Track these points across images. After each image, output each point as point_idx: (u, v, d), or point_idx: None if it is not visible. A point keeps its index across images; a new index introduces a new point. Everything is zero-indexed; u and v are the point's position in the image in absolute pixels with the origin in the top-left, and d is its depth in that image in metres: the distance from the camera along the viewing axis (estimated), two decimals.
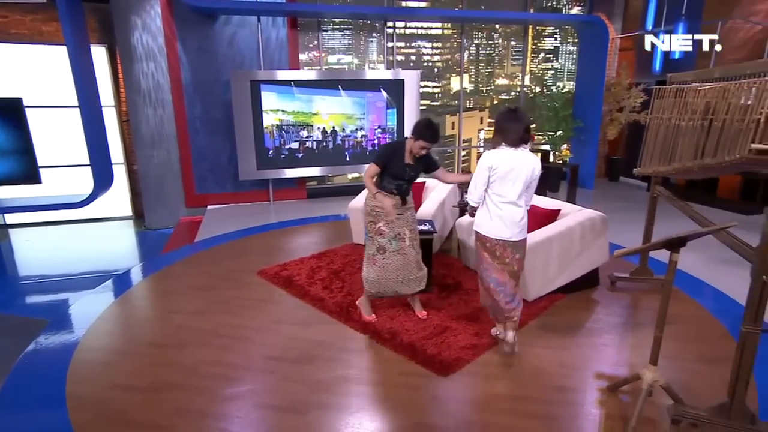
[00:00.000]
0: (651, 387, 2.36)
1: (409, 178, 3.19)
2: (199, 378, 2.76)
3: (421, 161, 3.18)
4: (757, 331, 2.08)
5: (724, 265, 4.42)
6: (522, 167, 2.67)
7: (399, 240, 3.19)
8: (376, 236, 3.18)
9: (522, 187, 2.70)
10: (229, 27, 6.64)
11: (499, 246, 2.78)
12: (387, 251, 3.18)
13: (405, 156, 3.13)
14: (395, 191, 3.16)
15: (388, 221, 3.14)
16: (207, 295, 3.94)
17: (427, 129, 3.02)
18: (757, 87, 2.11)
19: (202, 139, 6.89)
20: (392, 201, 3.08)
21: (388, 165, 3.12)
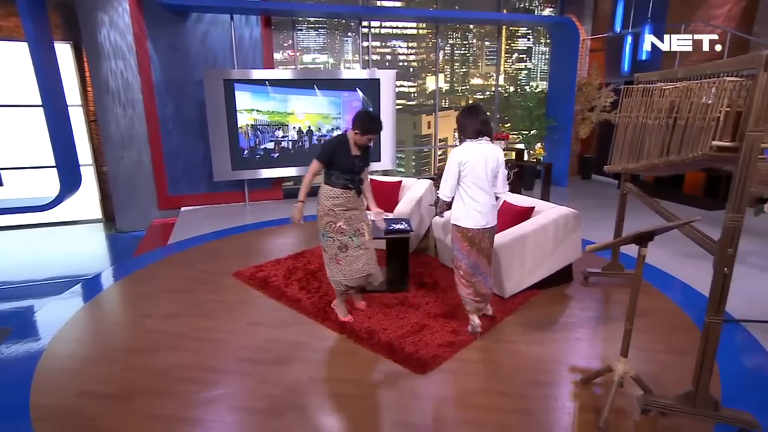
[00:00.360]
0: (622, 378, 2.43)
1: (359, 170, 3.19)
2: (172, 383, 2.70)
3: (366, 151, 3.22)
4: (719, 321, 2.16)
5: (691, 258, 4.57)
6: (487, 157, 2.92)
7: (359, 235, 3.22)
8: (337, 235, 3.17)
9: (490, 174, 2.95)
10: (201, 25, 6.51)
11: (478, 234, 3.01)
12: (349, 248, 3.20)
13: (351, 149, 3.13)
14: (350, 185, 3.15)
15: (348, 218, 3.16)
16: (181, 298, 3.85)
17: (372, 122, 3.08)
18: (716, 87, 2.18)
19: (174, 140, 6.74)
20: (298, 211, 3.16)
21: (334, 160, 3.11)
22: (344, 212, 3.15)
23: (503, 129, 8.79)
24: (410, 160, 8.95)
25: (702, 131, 2.23)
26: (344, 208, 3.15)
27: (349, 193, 3.16)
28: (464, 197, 2.96)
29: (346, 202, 3.16)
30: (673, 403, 2.31)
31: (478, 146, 2.92)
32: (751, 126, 1.93)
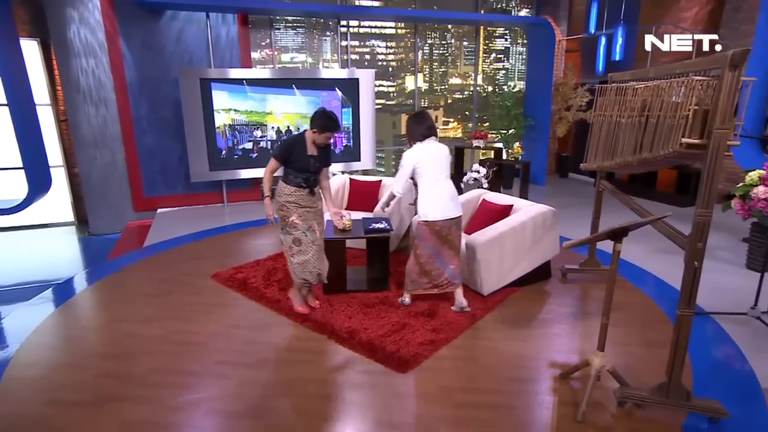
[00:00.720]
0: (599, 372, 2.47)
1: (315, 170, 3.26)
2: (148, 388, 2.64)
3: (324, 151, 3.29)
4: (690, 313, 2.21)
5: (664, 254, 4.69)
6: (437, 152, 3.28)
7: (311, 232, 3.31)
8: (291, 229, 3.26)
9: (443, 166, 3.28)
10: (176, 23, 6.38)
11: (445, 226, 3.25)
12: (303, 242, 3.29)
13: (308, 148, 3.20)
14: (303, 184, 3.23)
15: (301, 213, 3.24)
16: (157, 301, 3.77)
17: (330, 120, 3.15)
18: (685, 86, 2.24)
19: (150, 140, 6.59)
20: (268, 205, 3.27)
21: (291, 159, 3.18)
22: (297, 209, 3.23)
23: (482, 128, 8.87)
24: (390, 159, 8.96)
25: (672, 129, 2.28)
26: (297, 206, 3.23)
27: (302, 192, 3.24)
28: (427, 192, 3.24)
29: (299, 200, 3.24)
30: (648, 395, 2.37)
31: (428, 146, 3.28)
32: (717, 124, 1.99)
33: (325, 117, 3.14)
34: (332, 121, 3.15)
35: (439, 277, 3.40)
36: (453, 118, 9.07)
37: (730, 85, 1.93)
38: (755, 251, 4.30)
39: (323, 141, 3.20)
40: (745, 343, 3.07)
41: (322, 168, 3.32)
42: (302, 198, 3.25)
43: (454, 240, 3.33)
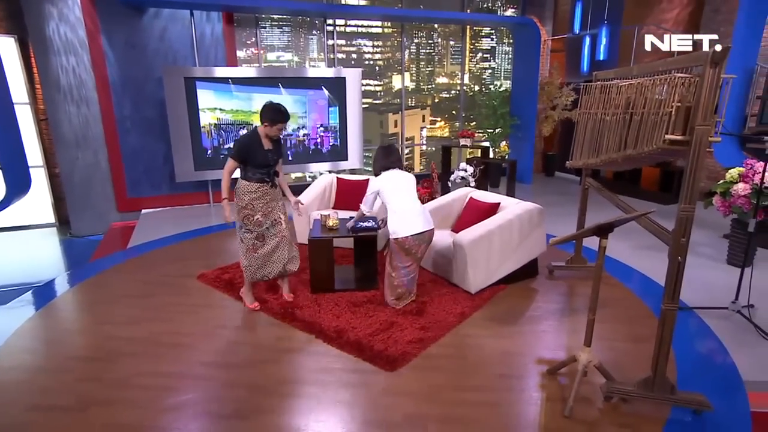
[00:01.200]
0: (586, 368, 2.49)
1: (273, 163, 3.35)
2: (131, 391, 2.59)
3: (278, 145, 3.37)
4: (674, 308, 2.24)
5: (649, 250, 4.76)
6: (403, 179, 3.47)
7: (277, 224, 3.41)
8: (255, 227, 3.33)
9: (410, 191, 3.47)
10: (159, 21, 6.29)
11: (414, 244, 3.36)
12: (266, 238, 3.38)
13: (263, 143, 3.27)
14: (266, 179, 3.32)
15: (264, 210, 3.32)
16: (142, 302, 3.71)
17: (278, 113, 3.20)
18: (668, 83, 2.27)
19: (133, 140, 6.49)
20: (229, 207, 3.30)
21: (249, 157, 3.24)
22: (262, 206, 3.31)
23: (469, 127, 8.91)
24: None
25: (656, 126, 2.31)
26: (262, 202, 3.31)
27: (266, 186, 3.33)
28: (397, 213, 3.38)
29: (264, 195, 3.32)
30: (634, 389, 2.40)
31: (393, 173, 3.49)
32: (699, 120, 2.02)
33: (274, 109, 3.19)
34: (281, 113, 3.21)
35: (407, 294, 3.54)
36: (440, 118, 9.09)
37: (711, 81, 1.96)
38: (735, 247, 4.39)
39: (275, 133, 3.26)
40: (727, 336, 3.12)
41: (278, 161, 3.41)
42: (266, 192, 3.33)
43: (419, 254, 3.45)
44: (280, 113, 3.20)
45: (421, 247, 3.41)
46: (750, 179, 3.96)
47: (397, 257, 3.41)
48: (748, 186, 3.96)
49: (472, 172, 6.08)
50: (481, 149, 7.76)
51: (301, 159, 7.13)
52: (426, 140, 9.07)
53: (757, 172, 3.90)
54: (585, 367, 2.49)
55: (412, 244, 3.35)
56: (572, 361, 2.61)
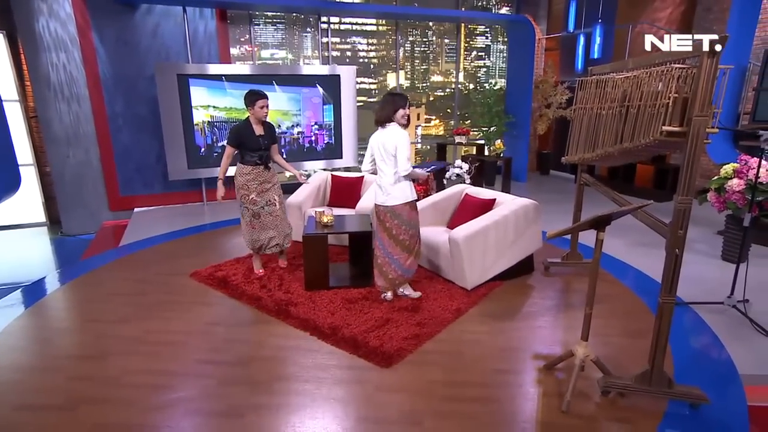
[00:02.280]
0: (583, 362, 2.47)
1: (265, 147, 3.73)
2: (123, 389, 2.54)
3: (270, 130, 3.77)
4: (671, 301, 2.23)
5: (645, 247, 4.77)
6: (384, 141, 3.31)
7: (271, 205, 3.83)
8: (251, 205, 3.77)
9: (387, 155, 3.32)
10: (151, 17, 6.23)
11: (380, 210, 3.41)
12: (261, 216, 3.81)
13: (254, 129, 3.68)
14: (258, 161, 3.72)
15: (259, 190, 3.75)
16: (134, 300, 3.66)
17: (253, 93, 3.63)
18: (665, 74, 2.26)
19: (126, 138, 6.42)
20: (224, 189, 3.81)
21: (242, 142, 3.66)
22: (257, 186, 3.74)
23: (464, 125, 8.91)
24: None
25: (653, 118, 2.30)
26: (257, 183, 3.74)
27: (259, 169, 3.75)
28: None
29: (257, 177, 3.75)
30: (631, 383, 2.38)
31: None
32: (696, 111, 2.01)
33: (249, 92, 3.63)
34: (256, 93, 3.62)
35: (390, 272, 3.40)
36: (435, 116, 9.08)
37: (709, 71, 1.95)
38: (730, 243, 4.40)
39: (261, 114, 3.64)
40: (723, 331, 3.12)
41: (270, 146, 3.78)
42: (260, 174, 3.75)
43: (389, 227, 3.34)
44: (254, 93, 3.61)
45: (386, 215, 3.37)
46: (744, 175, 3.97)
47: (413, 220, 3.35)
48: (742, 181, 3.96)
49: (467, 169, 6.07)
50: (476, 147, 7.76)
51: (296, 157, 7.08)
52: (421, 138, 9.05)
53: (752, 168, 3.91)
54: (582, 362, 2.47)
55: (378, 210, 3.40)
56: (569, 356, 2.59)
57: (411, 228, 3.35)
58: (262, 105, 3.62)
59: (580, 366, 2.46)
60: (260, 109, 3.62)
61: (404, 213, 3.31)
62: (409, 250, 3.38)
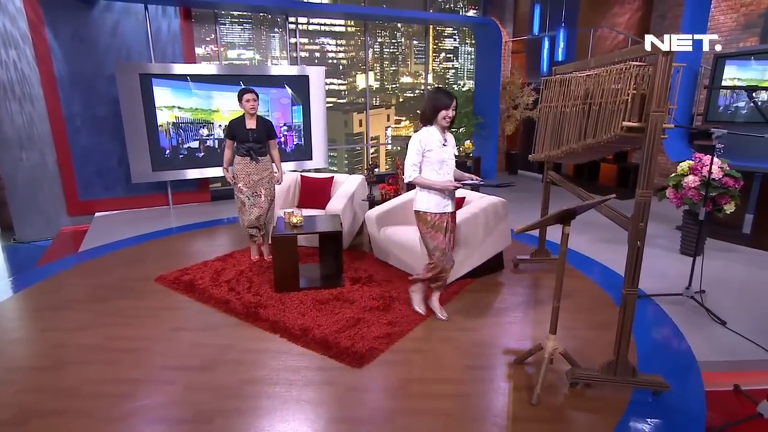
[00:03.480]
0: (551, 355, 2.52)
1: (254, 140, 3.99)
2: (81, 400, 2.42)
3: (263, 125, 4.04)
4: (634, 292, 2.30)
5: (609, 243, 4.91)
6: None
7: (256, 196, 4.09)
8: (239, 194, 4.09)
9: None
10: (111, 14, 6.00)
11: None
12: (246, 205, 4.10)
13: (246, 123, 3.97)
14: (244, 152, 4.00)
15: (247, 181, 4.03)
16: (94, 307, 3.50)
17: (241, 90, 3.93)
18: (624, 72, 2.33)
19: (85, 139, 6.15)
20: (229, 174, 4.11)
21: (234, 134, 3.98)
22: (244, 176, 4.02)
23: None
24: (343, 158, 8.88)
25: (613, 114, 2.36)
26: (244, 173, 4.02)
27: (246, 160, 4.02)
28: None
29: (245, 167, 4.03)
30: (598, 374, 2.44)
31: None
32: (654, 107, 2.07)
33: (239, 91, 3.94)
34: (243, 89, 3.93)
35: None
36: (405, 117, 9.12)
37: (664, 69, 2.02)
38: (687, 237, 4.58)
39: (249, 107, 3.91)
40: (682, 320, 3.24)
41: (264, 140, 4.05)
42: (247, 165, 4.02)
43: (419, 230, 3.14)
44: (242, 89, 3.94)
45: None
46: (699, 172, 4.15)
47: (424, 232, 3.07)
48: (697, 178, 4.14)
49: None
50: None
51: None
52: (391, 140, 9.07)
53: (705, 165, 4.08)
54: (551, 355, 2.51)
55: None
56: (538, 349, 2.63)
57: (426, 241, 3.06)
58: (247, 99, 3.88)
59: (549, 359, 2.50)
60: (246, 102, 3.89)
61: (417, 220, 3.08)
62: (430, 257, 3.10)
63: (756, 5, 6.34)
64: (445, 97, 2.89)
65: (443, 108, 2.89)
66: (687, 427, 2.22)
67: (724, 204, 4.10)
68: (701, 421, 2.24)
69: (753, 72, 4.78)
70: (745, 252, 4.69)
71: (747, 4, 6.44)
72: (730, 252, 4.69)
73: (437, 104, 2.90)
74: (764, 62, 4.71)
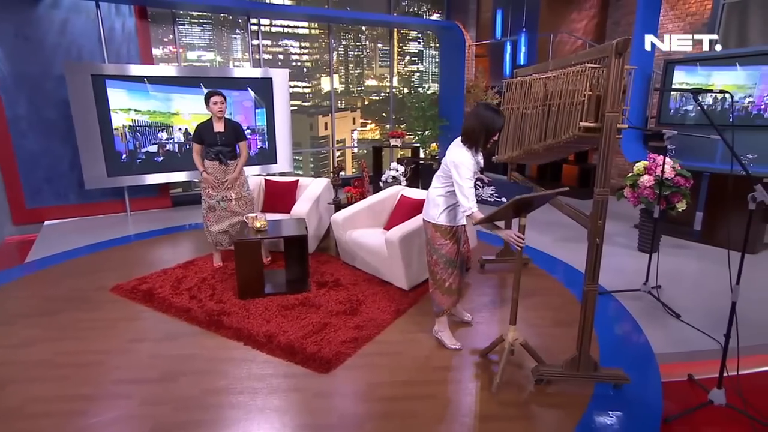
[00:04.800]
0: (512, 345, 2.58)
1: (222, 143, 3.91)
2: (25, 421, 2.26)
3: (232, 128, 3.94)
4: (594, 288, 2.35)
5: (571, 242, 5.03)
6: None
7: (226, 201, 4.00)
8: (207, 198, 3.99)
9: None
10: (58, 12, 5.70)
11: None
12: (216, 210, 4.00)
13: (213, 126, 3.88)
14: (213, 156, 3.92)
15: (216, 186, 3.95)
16: (42, 321, 3.29)
17: (208, 93, 3.85)
18: (580, 74, 2.40)
19: (32, 144, 5.81)
20: (211, 177, 3.92)
21: (203, 138, 3.88)
22: (212, 180, 3.92)
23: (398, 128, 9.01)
24: (308, 162, 8.78)
25: (571, 115, 2.42)
26: (213, 177, 3.93)
27: (215, 164, 3.93)
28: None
29: (215, 172, 3.94)
30: (561, 370, 2.48)
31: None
32: (608, 108, 2.14)
33: (205, 94, 3.86)
34: (210, 91, 3.85)
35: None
36: (370, 120, 9.11)
37: (617, 71, 2.08)
38: (644, 235, 4.76)
39: (216, 110, 3.82)
40: (640, 314, 3.36)
41: (233, 143, 3.95)
42: (216, 169, 3.93)
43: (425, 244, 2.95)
44: (209, 91, 3.85)
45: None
46: (653, 171, 4.32)
47: (436, 244, 2.83)
48: (652, 178, 4.31)
49: (403, 171, 6.11)
50: (411, 150, 7.87)
51: None
52: (357, 143, 9.04)
53: (659, 165, 4.26)
54: (511, 345, 2.57)
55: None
56: (500, 341, 2.68)
57: (433, 252, 2.81)
58: (214, 102, 3.80)
59: (510, 350, 2.56)
60: (213, 105, 3.80)
61: (428, 230, 2.83)
62: (433, 277, 2.87)
63: (700, 15, 6.71)
64: (498, 117, 2.50)
65: (497, 132, 2.55)
66: (645, 418, 2.29)
67: (676, 202, 4.29)
68: (658, 411, 2.32)
69: (699, 77, 5.04)
70: (697, 248, 4.92)
71: (692, 13, 6.81)
72: (683, 248, 4.91)
73: (493, 127, 2.51)
74: (708, 68, 4.97)
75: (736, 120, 4.71)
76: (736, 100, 4.68)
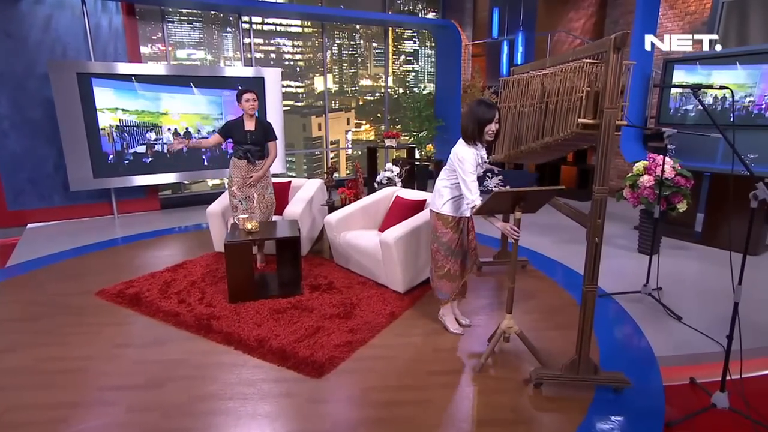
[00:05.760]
0: (505, 333, 2.57)
1: (252, 142, 3.85)
2: (5, 430, 2.16)
3: (262, 128, 3.89)
4: (593, 289, 2.29)
5: (570, 244, 4.98)
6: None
7: (248, 201, 3.97)
8: (231, 197, 3.99)
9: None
10: (42, 8, 5.55)
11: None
12: (238, 209, 3.95)
13: (245, 125, 3.84)
14: (241, 155, 3.87)
15: (241, 186, 3.92)
16: (24, 327, 3.18)
17: (241, 90, 3.81)
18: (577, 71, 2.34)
19: (14, 144, 5.66)
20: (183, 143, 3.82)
21: (231, 134, 3.84)
22: (239, 180, 3.90)
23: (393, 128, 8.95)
24: (301, 163, 8.68)
25: (569, 112, 2.36)
26: (239, 177, 3.90)
27: (242, 163, 3.89)
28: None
29: (240, 170, 3.91)
30: (561, 374, 2.42)
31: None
32: (607, 104, 2.08)
33: (239, 92, 3.81)
34: (243, 89, 3.83)
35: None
36: (365, 120, 9.04)
37: (615, 66, 2.02)
38: (644, 236, 4.71)
39: (249, 108, 3.78)
40: (641, 317, 3.30)
41: (262, 143, 3.90)
42: (242, 168, 3.90)
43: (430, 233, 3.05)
44: (242, 89, 3.82)
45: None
46: (653, 171, 4.28)
47: (439, 233, 2.94)
48: (652, 178, 4.27)
49: (398, 172, 6.04)
50: (407, 150, 7.80)
51: (218, 164, 6.67)
52: (351, 144, 8.96)
53: (659, 165, 4.22)
54: (504, 332, 2.57)
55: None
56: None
57: (435, 240, 2.93)
58: (246, 99, 3.76)
59: (505, 336, 2.60)
60: (245, 103, 3.76)
61: (432, 219, 2.94)
62: (435, 264, 2.99)
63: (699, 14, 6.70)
64: (488, 109, 2.58)
65: (488, 122, 2.59)
66: (647, 423, 2.22)
67: (677, 203, 4.25)
68: (660, 415, 2.26)
69: (699, 76, 5.03)
70: (698, 249, 4.88)
71: (691, 12, 6.80)
72: (684, 249, 4.87)
73: (481, 118, 2.58)
74: (708, 67, 4.96)
75: (737, 120, 4.69)
76: (736, 99, 4.66)
